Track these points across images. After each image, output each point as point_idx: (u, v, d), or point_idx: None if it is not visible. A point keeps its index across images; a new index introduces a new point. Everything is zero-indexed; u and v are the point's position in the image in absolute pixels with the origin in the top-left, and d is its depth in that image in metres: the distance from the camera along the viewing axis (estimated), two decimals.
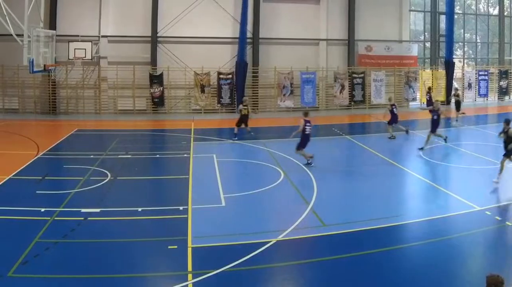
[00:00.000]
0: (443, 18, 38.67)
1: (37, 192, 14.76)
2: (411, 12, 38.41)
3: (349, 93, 34.85)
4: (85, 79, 32.11)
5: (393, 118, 23.94)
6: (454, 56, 38.07)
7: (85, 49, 29.85)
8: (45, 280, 9.25)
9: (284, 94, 33.69)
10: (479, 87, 39.05)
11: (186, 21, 32.52)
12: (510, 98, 40.30)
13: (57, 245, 10.74)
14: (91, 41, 30.49)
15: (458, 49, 41.47)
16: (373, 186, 15.94)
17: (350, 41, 35.43)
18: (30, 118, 29.95)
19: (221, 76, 32.74)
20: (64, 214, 12.83)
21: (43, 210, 12.90)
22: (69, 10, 31.27)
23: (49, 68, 26.57)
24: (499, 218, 12.51)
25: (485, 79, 39.14)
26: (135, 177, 17.09)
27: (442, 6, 38.82)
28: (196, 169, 17.81)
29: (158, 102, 32.31)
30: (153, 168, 18.88)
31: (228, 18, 33.33)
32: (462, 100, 31.55)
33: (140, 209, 13.14)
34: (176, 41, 32.67)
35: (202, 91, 32.58)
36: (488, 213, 12.90)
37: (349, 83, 34.88)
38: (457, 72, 38.94)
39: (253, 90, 33.50)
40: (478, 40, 42.84)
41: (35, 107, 31.71)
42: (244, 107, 23.95)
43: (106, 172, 16.98)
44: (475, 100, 39.10)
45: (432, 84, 36.78)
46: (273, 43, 34.20)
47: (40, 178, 16.26)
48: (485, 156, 19.39)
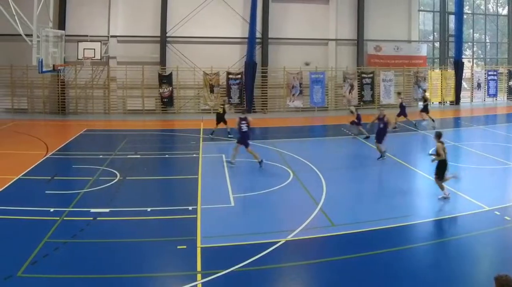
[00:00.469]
0: (452, 18, 38.45)
1: (46, 192, 14.81)
2: (420, 12, 38.24)
3: (358, 93, 34.82)
4: (94, 79, 32.24)
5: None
6: (463, 56, 37.88)
7: (94, 49, 29.95)
8: (54, 280, 9.27)
9: (293, 94, 33.69)
10: (488, 87, 38.87)
11: (195, 21, 32.59)
12: None
13: (66, 245, 10.76)
14: (100, 41, 30.62)
15: (467, 49, 41.18)
16: (382, 186, 15.92)
17: (359, 41, 35.35)
18: (39, 118, 30.09)
19: (230, 76, 32.78)
20: (73, 214, 12.86)
21: (52, 210, 12.94)
22: (78, 10, 31.41)
23: (58, 68, 26.73)
24: (509, 218, 12.43)
25: (494, 79, 38.96)
26: (144, 177, 17.11)
27: (451, 6, 38.58)
28: (205, 169, 17.83)
29: (167, 102, 32.35)
30: (162, 168, 18.91)
31: (237, 18, 33.35)
32: (431, 104, 31.29)
33: (149, 209, 13.16)
34: (185, 41, 32.74)
35: (211, 91, 32.63)
36: (497, 213, 12.83)
37: (358, 83, 34.83)
38: (466, 72, 38.81)
39: (262, 90, 33.53)
40: (487, 40, 42.54)
41: (44, 107, 31.85)
42: (221, 106, 24.79)
43: (115, 172, 17.02)
44: (484, 100, 38.93)
45: (441, 84, 36.64)
46: (282, 43, 34.18)
47: (49, 178, 16.33)
48: (494, 156, 19.32)
